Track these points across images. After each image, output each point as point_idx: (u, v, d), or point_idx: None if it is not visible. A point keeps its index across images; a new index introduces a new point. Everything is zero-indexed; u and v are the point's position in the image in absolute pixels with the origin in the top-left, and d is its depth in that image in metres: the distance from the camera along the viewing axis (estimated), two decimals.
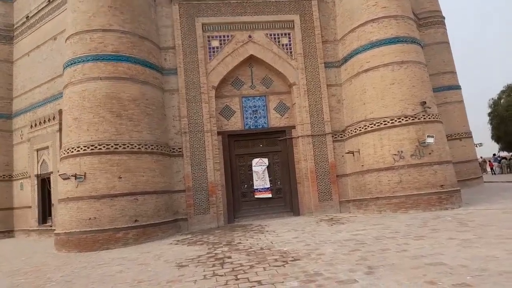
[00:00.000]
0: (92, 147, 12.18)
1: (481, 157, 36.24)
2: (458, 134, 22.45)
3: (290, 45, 15.77)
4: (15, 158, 18.83)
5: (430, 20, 24.24)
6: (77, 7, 13.27)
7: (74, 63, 12.87)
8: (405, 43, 14.38)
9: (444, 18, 24.81)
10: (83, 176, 12.03)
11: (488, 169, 37.42)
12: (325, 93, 15.49)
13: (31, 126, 17.55)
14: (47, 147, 16.77)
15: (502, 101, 40.63)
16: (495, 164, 35.99)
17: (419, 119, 13.58)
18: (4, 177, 18.65)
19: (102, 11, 13.08)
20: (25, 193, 18.07)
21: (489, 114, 41.19)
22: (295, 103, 15.57)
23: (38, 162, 17.25)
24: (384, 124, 13.78)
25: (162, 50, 14.88)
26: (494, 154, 39.21)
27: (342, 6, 15.97)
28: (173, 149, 14.43)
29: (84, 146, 12.21)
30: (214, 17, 15.24)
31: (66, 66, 13.18)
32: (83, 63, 12.73)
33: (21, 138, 18.54)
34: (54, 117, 16.33)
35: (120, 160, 12.26)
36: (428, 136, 12.97)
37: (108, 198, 12.07)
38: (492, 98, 41.83)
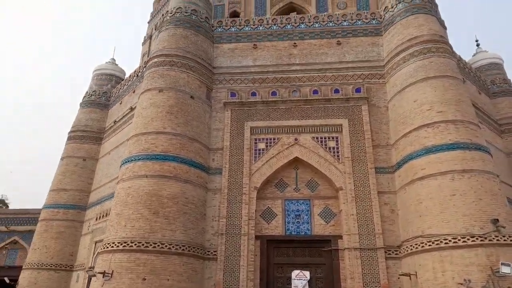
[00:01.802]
0: (125, 244, 11.82)
1: None
2: None
3: (337, 148, 14.67)
4: (79, 249, 18.93)
5: None
6: (140, 113, 14.41)
7: (128, 161, 13.47)
8: (467, 149, 12.28)
9: None
10: (110, 275, 11.46)
11: None
12: (376, 200, 13.50)
13: (96, 218, 18.07)
14: (102, 240, 16.74)
15: None
16: None
17: (490, 240, 10.69)
18: (66, 267, 18.55)
19: (159, 116, 13.94)
20: (79, 286, 17.60)
21: None
22: (341, 210, 13.78)
23: (93, 254, 16.98)
24: (445, 243, 11.10)
25: (211, 151, 14.97)
26: None
27: (394, 111, 14.75)
28: (208, 251, 13.35)
29: (118, 243, 11.92)
30: (262, 121, 15.19)
31: (121, 164, 13.84)
32: (135, 162, 13.22)
33: (88, 229, 18.90)
34: None
35: (148, 260, 11.57)
36: (503, 264, 9.94)
37: None
38: None
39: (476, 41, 25.47)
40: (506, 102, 22.03)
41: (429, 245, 11.40)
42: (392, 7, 16.63)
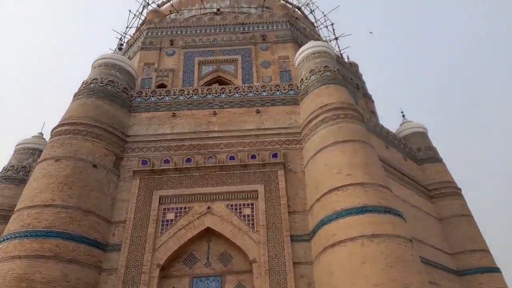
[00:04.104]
0: None
1: None
2: None
3: (252, 216, 13.41)
4: None
5: (443, 191, 21.00)
6: (30, 185, 12.75)
7: (3, 240, 11.36)
8: (376, 213, 11.45)
9: (460, 189, 21.53)
10: None
11: None
12: (291, 273, 11.95)
13: None
14: None
15: None
16: None
17: None
18: None
19: (50, 187, 12.31)
20: None
21: None
22: (254, 286, 11.99)
23: None
24: None
25: (113, 224, 13.17)
26: None
27: (309, 175, 14.08)
28: None
29: None
30: (173, 190, 13.88)
31: None
32: (10, 241, 11.16)
33: None
34: None
35: None
36: None
37: None
38: None
39: (402, 112, 26.66)
40: (432, 168, 22.29)
41: None
42: (306, 79, 17.07)
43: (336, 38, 32.73)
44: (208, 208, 13.51)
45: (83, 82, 16.51)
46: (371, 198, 11.82)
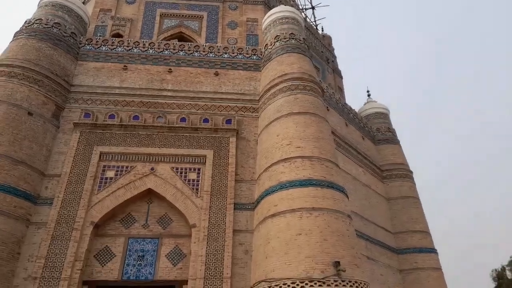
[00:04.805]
0: None
1: None
2: None
3: (198, 181, 13.33)
4: None
5: (395, 173, 21.94)
6: None
7: None
8: (318, 187, 11.70)
9: (411, 172, 22.54)
10: None
11: None
12: (230, 240, 12.14)
13: None
14: None
15: (507, 272, 33.66)
16: None
17: (328, 285, 9.74)
18: None
19: None
20: None
21: None
22: (191, 250, 12.13)
23: None
24: None
25: (47, 177, 12.64)
26: None
27: (261, 145, 14.09)
28: None
29: None
30: (116, 147, 13.42)
31: None
32: None
33: None
34: None
35: None
36: None
37: None
38: (496, 269, 34.79)
39: (368, 91, 27.09)
40: (389, 149, 23.09)
41: None
42: (271, 45, 16.70)
43: (312, 7, 32.23)
44: (152, 169, 13.25)
45: (26, 21, 15.17)
46: (317, 172, 12.05)
